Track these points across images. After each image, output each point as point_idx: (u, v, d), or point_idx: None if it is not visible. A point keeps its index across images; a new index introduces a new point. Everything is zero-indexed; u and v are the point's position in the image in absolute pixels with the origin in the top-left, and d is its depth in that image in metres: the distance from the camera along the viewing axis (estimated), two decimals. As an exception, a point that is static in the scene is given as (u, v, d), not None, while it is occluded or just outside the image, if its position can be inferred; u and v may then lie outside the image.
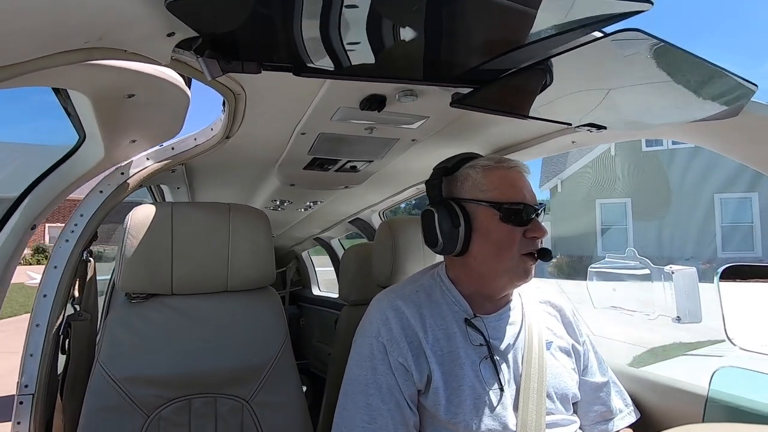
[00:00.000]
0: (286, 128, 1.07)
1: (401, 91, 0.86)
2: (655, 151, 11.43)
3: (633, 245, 11.11)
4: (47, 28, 0.53)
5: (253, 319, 1.12)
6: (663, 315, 1.09)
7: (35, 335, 1.08)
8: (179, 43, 0.62)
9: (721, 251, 10.90)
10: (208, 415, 1.02)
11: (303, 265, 3.27)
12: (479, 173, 0.90)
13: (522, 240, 0.87)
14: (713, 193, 10.84)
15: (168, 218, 1.09)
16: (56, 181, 1.08)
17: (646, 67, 0.63)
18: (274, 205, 1.84)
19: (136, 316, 1.06)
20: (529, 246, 0.87)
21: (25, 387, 1.05)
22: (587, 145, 1.16)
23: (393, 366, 0.85)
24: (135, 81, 0.81)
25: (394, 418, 0.83)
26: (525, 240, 0.87)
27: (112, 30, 0.58)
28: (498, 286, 0.91)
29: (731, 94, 0.71)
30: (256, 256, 1.14)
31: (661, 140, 10.55)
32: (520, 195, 0.88)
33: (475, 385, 0.84)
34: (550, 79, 0.71)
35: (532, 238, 0.87)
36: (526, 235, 0.87)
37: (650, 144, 11.33)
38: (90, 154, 1.09)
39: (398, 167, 1.39)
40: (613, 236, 11.92)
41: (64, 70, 0.67)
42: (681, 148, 10.81)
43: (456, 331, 0.88)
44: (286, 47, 0.61)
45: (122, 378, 0.98)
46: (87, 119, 0.98)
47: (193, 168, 1.38)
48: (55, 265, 1.12)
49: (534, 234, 0.87)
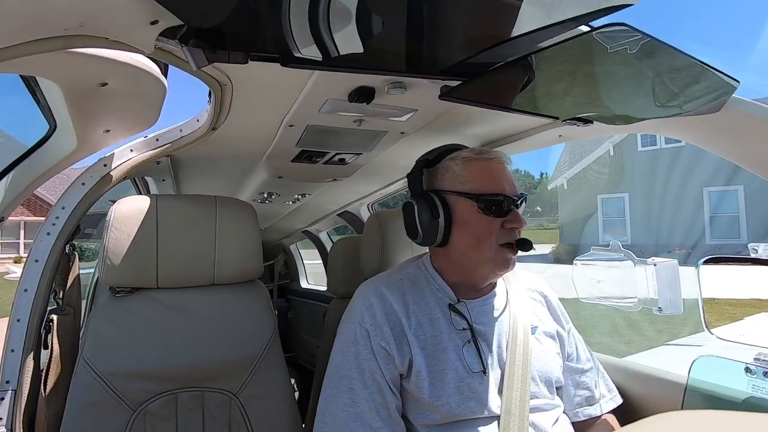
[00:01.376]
0: (274, 120, 1.06)
1: (390, 84, 0.85)
2: (649, 150, 13.01)
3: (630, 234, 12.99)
4: (26, 13, 0.52)
5: (241, 313, 1.12)
6: (646, 306, 1.12)
7: (16, 330, 1.06)
8: (163, 32, 0.61)
9: (709, 239, 12.08)
10: (196, 409, 1.02)
11: (291, 258, 3.25)
12: (459, 165, 0.91)
13: (501, 231, 0.88)
14: (702, 186, 11.97)
15: (153, 211, 1.07)
16: (25, 172, 1.05)
17: (631, 61, 0.64)
18: (262, 198, 1.82)
19: (121, 310, 1.04)
20: (508, 236, 0.88)
21: (6, 383, 1.03)
22: (574, 139, 1.17)
23: (375, 350, 0.86)
24: (108, 69, 0.78)
25: (375, 401, 0.84)
26: (504, 231, 0.88)
27: (93, 17, 0.57)
28: (479, 275, 0.92)
29: (714, 89, 0.72)
30: (243, 249, 1.13)
31: (655, 140, 12.82)
32: (499, 186, 0.89)
33: (458, 369, 0.85)
34: (536, 73, 0.71)
35: (510, 229, 0.88)
36: (504, 226, 0.88)
37: (645, 144, 13.06)
38: (61, 145, 1.06)
39: (387, 160, 1.39)
40: (613, 226, 13.50)
41: (36, 58, 0.64)
42: (673, 147, 12.28)
43: (440, 316, 0.90)
44: (274, 37, 0.60)
45: (107, 373, 0.97)
46: (58, 108, 0.95)
47: (178, 160, 1.35)
48: (36, 258, 1.09)
49: (513, 225, 0.88)
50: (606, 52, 0.61)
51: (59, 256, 1.12)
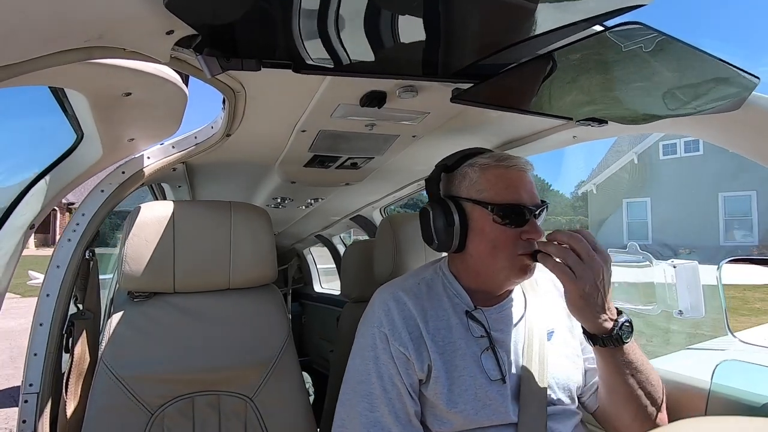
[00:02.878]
0: (287, 126, 1.07)
1: (401, 87, 0.86)
2: (670, 158, 14.63)
3: (651, 236, 14.34)
4: (47, 26, 0.53)
5: (255, 317, 1.13)
6: (665, 310, 1.09)
7: (39, 334, 1.08)
8: (178, 41, 0.62)
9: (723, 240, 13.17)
10: (212, 413, 1.03)
11: (304, 262, 3.27)
12: (476, 172, 0.90)
13: (519, 241, 0.86)
14: (717, 192, 13.21)
15: (169, 217, 1.09)
16: (54, 181, 1.08)
17: (647, 60, 0.62)
18: (275, 203, 1.84)
19: (139, 314, 1.06)
20: (526, 247, 0.86)
21: (29, 386, 1.06)
22: (589, 139, 1.16)
23: (394, 355, 0.85)
24: (132, 79, 0.81)
25: (395, 406, 0.83)
26: (522, 241, 0.86)
27: (111, 28, 0.58)
28: (496, 283, 0.91)
29: (733, 86, 0.70)
30: (257, 254, 1.14)
31: (675, 149, 14.51)
32: (515, 195, 0.87)
33: (477, 376, 0.84)
34: (550, 73, 0.70)
35: (528, 239, 0.86)
36: (522, 237, 0.86)
37: (666, 153, 14.73)
38: (88, 153, 1.09)
39: (399, 164, 1.39)
40: (636, 228, 14.93)
41: (62, 69, 0.67)
42: (692, 156, 13.90)
43: (457, 322, 0.89)
44: (286, 44, 0.61)
45: (126, 376, 0.98)
46: (84, 118, 0.98)
47: (193, 166, 1.38)
48: (57, 264, 1.12)
49: (529, 236, 0.86)
50: (620, 50, 0.60)
51: (80, 262, 1.15)
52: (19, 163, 1.32)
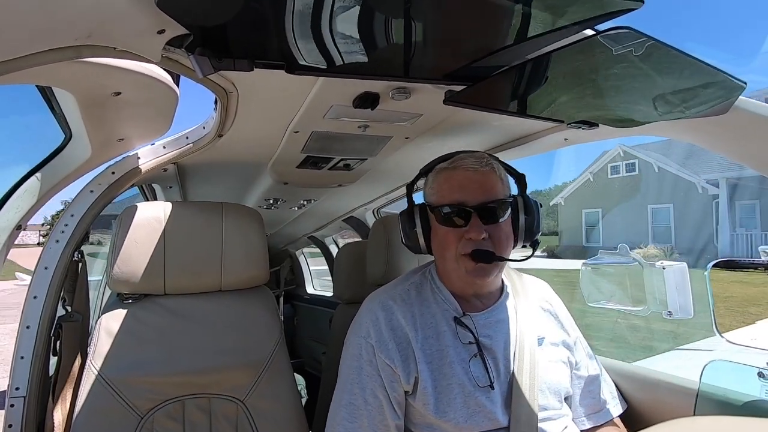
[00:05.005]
0: (279, 126, 1.06)
1: (394, 89, 0.86)
2: (616, 177, 18.26)
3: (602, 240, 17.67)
4: (35, 23, 0.53)
5: (247, 319, 1.12)
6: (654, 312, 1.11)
7: (26, 337, 1.07)
8: (170, 41, 0.62)
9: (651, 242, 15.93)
10: (203, 416, 1.02)
11: (297, 264, 3.26)
12: (433, 176, 0.94)
13: (463, 241, 0.86)
14: (647, 204, 16.73)
15: (160, 218, 1.08)
16: (42, 181, 1.06)
17: (637, 64, 0.63)
18: (268, 204, 1.83)
19: (129, 316, 1.05)
20: (467, 247, 0.86)
21: (16, 389, 1.04)
22: (580, 142, 1.17)
23: (380, 367, 0.86)
24: (122, 79, 0.80)
25: (374, 418, 0.84)
26: (465, 240, 0.86)
27: (101, 27, 0.57)
28: (458, 285, 0.92)
29: (721, 91, 0.71)
30: (249, 256, 1.13)
31: (618, 170, 18.40)
32: (456, 195, 0.87)
33: (465, 384, 0.84)
34: (542, 76, 0.71)
35: (469, 239, 0.86)
36: (464, 236, 0.86)
37: (613, 173, 18.44)
38: (76, 153, 1.07)
39: (392, 165, 1.39)
40: (592, 233, 18.76)
41: (50, 68, 0.66)
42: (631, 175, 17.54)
43: (445, 329, 0.89)
44: (279, 44, 0.61)
45: (115, 379, 0.97)
46: (73, 117, 0.96)
47: (185, 167, 1.36)
48: (45, 265, 1.10)
49: (469, 236, 0.86)
50: (611, 54, 0.61)
51: (68, 264, 1.13)
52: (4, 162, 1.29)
